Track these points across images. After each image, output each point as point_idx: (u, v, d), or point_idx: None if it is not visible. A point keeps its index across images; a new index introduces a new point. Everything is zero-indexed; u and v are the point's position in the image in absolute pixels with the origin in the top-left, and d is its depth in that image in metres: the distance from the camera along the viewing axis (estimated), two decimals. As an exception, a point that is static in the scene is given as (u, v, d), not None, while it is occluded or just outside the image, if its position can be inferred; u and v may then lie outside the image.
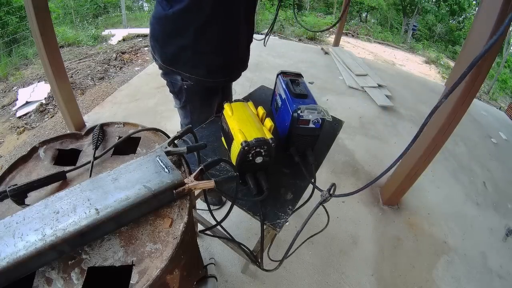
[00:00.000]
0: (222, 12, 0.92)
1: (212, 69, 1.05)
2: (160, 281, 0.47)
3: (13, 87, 2.92)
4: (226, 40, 1.01)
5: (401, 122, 3.09)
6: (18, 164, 0.63)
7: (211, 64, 1.03)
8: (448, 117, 1.47)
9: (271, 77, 1.15)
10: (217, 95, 1.22)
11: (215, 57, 1.02)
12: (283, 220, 0.76)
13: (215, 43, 0.98)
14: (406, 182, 1.82)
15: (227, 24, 0.96)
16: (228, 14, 0.94)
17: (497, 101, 6.50)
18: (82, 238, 0.48)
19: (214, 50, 1.00)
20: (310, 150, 0.95)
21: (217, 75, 1.08)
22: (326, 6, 10.85)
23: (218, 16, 0.93)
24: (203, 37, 0.95)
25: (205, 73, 1.04)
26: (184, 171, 0.64)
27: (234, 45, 1.06)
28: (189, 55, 0.99)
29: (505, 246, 1.94)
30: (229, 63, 1.09)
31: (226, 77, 1.13)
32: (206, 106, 1.20)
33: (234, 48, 1.06)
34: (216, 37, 0.97)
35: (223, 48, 1.02)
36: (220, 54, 1.02)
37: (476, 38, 1.33)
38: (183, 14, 0.91)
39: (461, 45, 9.02)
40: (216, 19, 0.93)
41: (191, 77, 1.04)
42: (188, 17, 0.92)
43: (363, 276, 1.53)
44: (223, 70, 1.09)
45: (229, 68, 1.11)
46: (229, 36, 1.01)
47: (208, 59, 1.02)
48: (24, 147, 2.12)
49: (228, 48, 1.04)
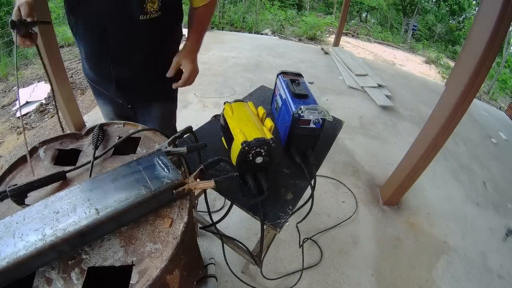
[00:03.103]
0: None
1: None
2: (160, 281, 0.47)
3: (13, 87, 2.92)
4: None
5: (401, 122, 3.09)
6: (18, 164, 0.63)
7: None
8: (448, 117, 1.47)
9: (271, 77, 1.14)
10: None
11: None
12: (283, 220, 0.76)
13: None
14: (406, 182, 1.82)
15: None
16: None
17: (497, 101, 6.50)
18: (82, 238, 0.48)
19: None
20: (311, 150, 0.95)
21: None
22: (326, 6, 10.85)
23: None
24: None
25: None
26: (184, 171, 0.64)
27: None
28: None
29: (505, 246, 1.94)
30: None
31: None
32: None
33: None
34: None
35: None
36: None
37: (476, 38, 1.33)
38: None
39: (461, 45, 9.01)
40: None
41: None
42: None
43: (363, 276, 1.53)
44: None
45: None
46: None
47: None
48: (24, 147, 2.12)
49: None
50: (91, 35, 0.87)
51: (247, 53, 4.16)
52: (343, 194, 2.01)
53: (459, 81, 1.40)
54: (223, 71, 3.52)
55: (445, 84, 4.02)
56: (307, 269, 1.50)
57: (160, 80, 1.01)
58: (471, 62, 1.33)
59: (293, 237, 1.62)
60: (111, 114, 1.15)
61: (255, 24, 6.16)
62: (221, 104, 0.94)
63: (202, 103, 2.81)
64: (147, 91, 1.05)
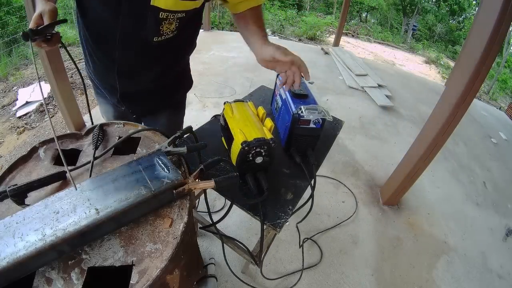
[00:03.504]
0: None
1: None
2: (160, 281, 0.47)
3: (13, 87, 2.92)
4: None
5: (401, 122, 3.09)
6: (18, 164, 0.63)
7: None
8: (448, 117, 1.47)
9: (271, 77, 1.14)
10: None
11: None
12: (283, 220, 0.76)
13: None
14: (406, 182, 1.82)
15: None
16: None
17: (497, 101, 6.51)
18: (82, 238, 0.48)
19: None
20: (311, 150, 0.95)
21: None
22: (326, 6, 10.86)
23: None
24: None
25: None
26: (184, 171, 0.64)
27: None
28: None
29: (505, 246, 1.94)
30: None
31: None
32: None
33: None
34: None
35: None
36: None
37: (476, 38, 1.33)
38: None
39: (461, 45, 9.02)
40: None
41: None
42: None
43: (363, 276, 1.53)
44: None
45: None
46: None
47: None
48: (24, 147, 2.12)
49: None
50: (99, 48, 0.81)
51: (247, 53, 4.12)
52: (343, 194, 2.01)
53: (459, 81, 1.40)
54: (223, 71, 3.52)
55: (445, 84, 4.02)
56: (307, 269, 1.50)
57: (169, 91, 0.95)
58: (471, 62, 1.33)
59: (293, 237, 1.62)
60: (111, 116, 1.09)
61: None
62: (221, 104, 0.94)
63: (202, 103, 2.82)
64: (153, 103, 0.99)
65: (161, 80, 0.92)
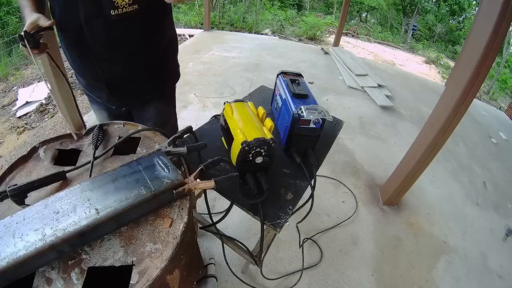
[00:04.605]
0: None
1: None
2: (160, 281, 0.47)
3: (13, 87, 2.92)
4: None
5: (401, 122, 3.09)
6: (18, 164, 0.63)
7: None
8: (448, 117, 1.47)
9: (271, 77, 1.14)
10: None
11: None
12: (283, 220, 0.76)
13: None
14: (406, 182, 1.82)
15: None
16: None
17: (497, 101, 6.51)
18: (82, 238, 0.48)
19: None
20: (311, 150, 0.95)
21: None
22: (326, 6, 10.85)
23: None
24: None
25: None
26: (184, 171, 0.64)
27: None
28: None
29: (505, 246, 1.94)
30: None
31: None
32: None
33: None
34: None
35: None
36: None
37: (476, 38, 1.33)
38: None
39: (461, 45, 9.01)
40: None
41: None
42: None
43: (363, 276, 1.53)
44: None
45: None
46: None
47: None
48: (24, 147, 2.12)
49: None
50: (71, 35, 0.85)
51: (247, 53, 4.16)
52: (343, 194, 2.01)
53: (459, 81, 1.40)
54: (223, 71, 3.52)
55: (445, 84, 4.02)
56: (307, 269, 1.50)
57: (151, 81, 1.00)
58: (471, 62, 1.33)
59: (293, 237, 1.62)
60: (106, 120, 1.14)
61: (255, 24, 6.16)
62: (221, 104, 0.94)
63: (202, 103, 2.81)
64: (139, 92, 1.03)
65: (138, 64, 0.95)
